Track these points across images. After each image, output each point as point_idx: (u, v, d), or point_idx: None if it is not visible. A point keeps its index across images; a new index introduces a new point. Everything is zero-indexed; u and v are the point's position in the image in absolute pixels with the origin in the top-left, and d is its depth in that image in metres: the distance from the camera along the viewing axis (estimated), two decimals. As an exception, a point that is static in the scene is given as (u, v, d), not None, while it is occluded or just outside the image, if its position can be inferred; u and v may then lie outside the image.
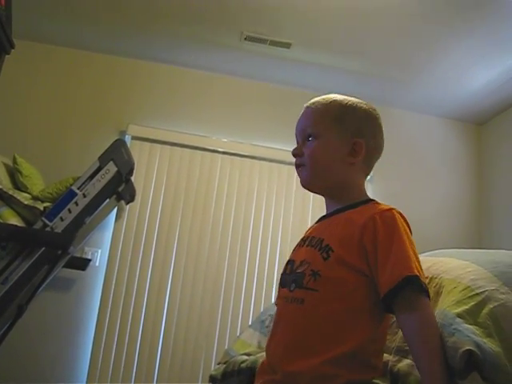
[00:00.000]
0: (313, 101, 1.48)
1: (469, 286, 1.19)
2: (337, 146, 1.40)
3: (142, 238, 3.99)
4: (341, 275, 1.24)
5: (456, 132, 4.79)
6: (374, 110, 1.47)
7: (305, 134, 1.44)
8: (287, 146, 4.22)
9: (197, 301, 3.95)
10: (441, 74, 4.06)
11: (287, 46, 3.86)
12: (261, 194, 4.23)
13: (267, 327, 2.13)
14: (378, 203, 1.38)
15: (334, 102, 1.45)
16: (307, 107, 1.48)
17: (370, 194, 1.42)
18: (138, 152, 4.08)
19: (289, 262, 1.44)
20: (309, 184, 1.44)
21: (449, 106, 4.56)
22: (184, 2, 3.52)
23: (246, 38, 3.82)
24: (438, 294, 1.28)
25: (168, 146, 4.17)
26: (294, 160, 1.46)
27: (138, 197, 3.99)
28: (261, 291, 4.04)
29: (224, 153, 4.25)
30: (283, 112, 4.37)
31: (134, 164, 3.60)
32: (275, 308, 1.45)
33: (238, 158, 4.26)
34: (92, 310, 3.85)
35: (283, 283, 1.39)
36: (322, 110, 1.44)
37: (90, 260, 3.83)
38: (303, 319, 1.27)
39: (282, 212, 4.19)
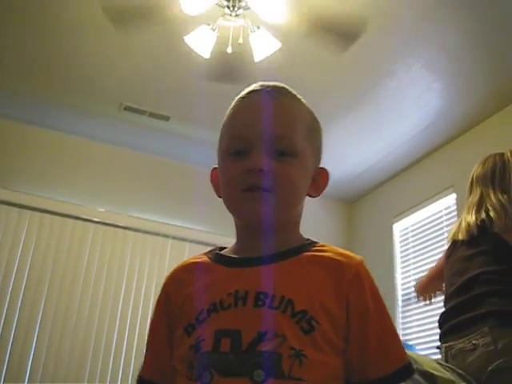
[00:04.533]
0: (282, 89, 1.02)
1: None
2: (309, 173, 1.02)
3: (4, 309, 3.75)
4: (325, 357, 0.88)
5: (328, 209, 4.98)
6: None
7: (276, 145, 0.96)
8: (163, 218, 4.22)
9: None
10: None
11: (166, 118, 3.92)
12: (133, 265, 4.13)
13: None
14: (329, 246, 1.02)
15: (305, 108, 1.05)
16: (272, 97, 1.00)
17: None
18: (5, 217, 3.89)
19: (221, 332, 0.89)
20: (270, 219, 0.96)
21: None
22: (63, 68, 3.51)
23: (125, 108, 3.84)
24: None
25: (38, 213, 4.00)
26: (168, 232, 0.98)
27: (2, 265, 3.78)
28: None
29: (98, 222, 4.14)
30: (161, 184, 4.39)
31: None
32: None
33: (112, 229, 4.16)
34: None
35: (225, 369, 0.86)
36: (299, 113, 1.02)
37: None
38: None
39: (153, 285, 4.07)
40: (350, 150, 4.24)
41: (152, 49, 3.30)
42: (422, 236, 4.11)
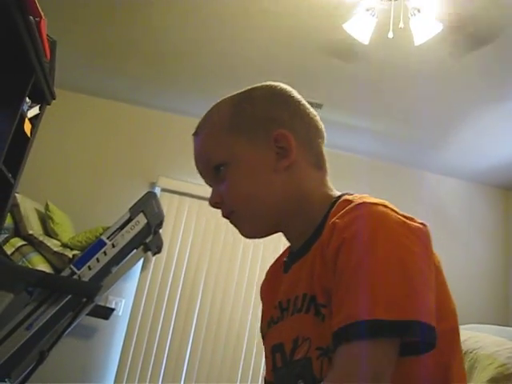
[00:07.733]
0: (197, 125, 1.08)
1: (505, 364, 1.17)
2: (258, 159, 0.99)
3: (167, 290, 3.99)
4: None
5: (484, 196, 4.77)
6: (273, 84, 1.08)
7: (211, 170, 1.04)
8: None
9: (218, 356, 3.91)
10: (470, 139, 4.08)
11: (319, 106, 3.93)
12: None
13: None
14: (348, 200, 0.93)
15: (221, 109, 1.05)
16: (195, 136, 1.07)
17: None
18: (167, 204, 4.12)
19: (274, 348, 0.98)
20: (256, 232, 1.04)
21: (477, 171, 4.55)
22: (222, 60, 3.62)
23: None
24: (473, 368, 1.26)
25: (197, 200, 4.20)
26: None
27: (165, 249, 4.00)
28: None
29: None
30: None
31: (163, 217, 3.63)
32: None
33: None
34: (112, 360, 3.83)
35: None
36: (212, 128, 1.04)
37: (113, 309, 3.83)
38: None
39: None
40: (509, 135, 4.00)
41: (310, 36, 3.31)
42: None
